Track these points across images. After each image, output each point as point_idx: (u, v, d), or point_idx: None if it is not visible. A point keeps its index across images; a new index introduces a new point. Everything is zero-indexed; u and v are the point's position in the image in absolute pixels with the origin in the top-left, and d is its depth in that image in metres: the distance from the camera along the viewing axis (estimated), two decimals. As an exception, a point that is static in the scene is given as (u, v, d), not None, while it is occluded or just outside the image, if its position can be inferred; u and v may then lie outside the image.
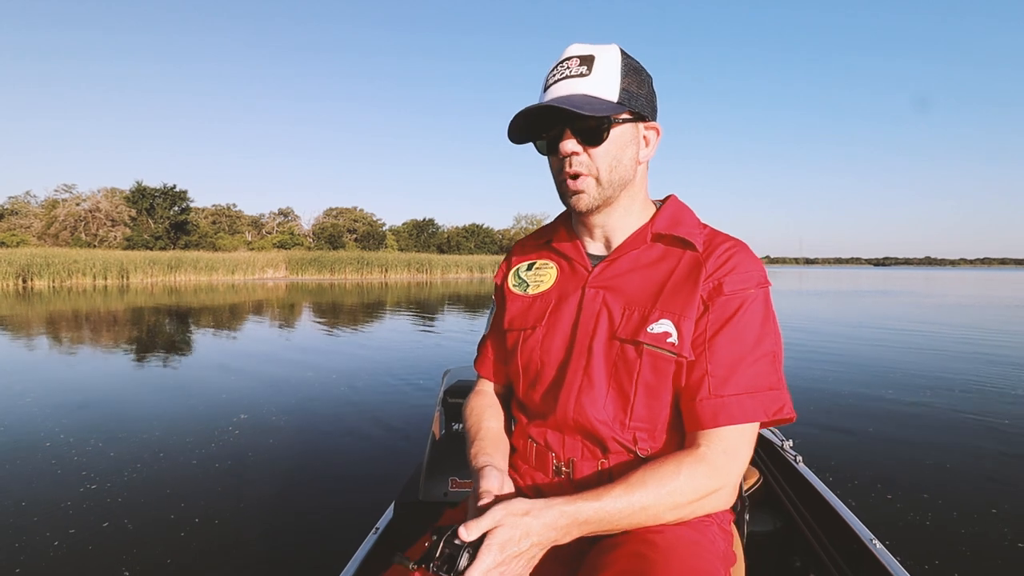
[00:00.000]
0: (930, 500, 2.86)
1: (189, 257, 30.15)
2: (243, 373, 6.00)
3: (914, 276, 59.80)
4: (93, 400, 4.81)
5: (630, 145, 0.93)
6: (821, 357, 7.00)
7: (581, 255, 1.02)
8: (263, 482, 3.02)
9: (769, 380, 0.87)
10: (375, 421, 4.16)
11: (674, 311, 0.90)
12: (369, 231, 57.95)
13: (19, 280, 21.93)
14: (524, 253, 1.12)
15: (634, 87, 0.92)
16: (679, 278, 0.92)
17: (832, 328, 10.44)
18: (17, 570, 2.16)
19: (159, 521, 2.57)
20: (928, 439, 3.84)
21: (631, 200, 0.98)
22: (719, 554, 0.87)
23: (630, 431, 0.92)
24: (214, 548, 2.34)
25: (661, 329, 0.89)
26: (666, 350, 0.89)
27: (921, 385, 5.47)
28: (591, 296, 0.96)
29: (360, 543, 1.45)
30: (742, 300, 0.89)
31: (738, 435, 0.85)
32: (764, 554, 1.58)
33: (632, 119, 0.92)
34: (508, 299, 1.07)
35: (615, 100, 0.89)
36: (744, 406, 0.85)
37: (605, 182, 0.92)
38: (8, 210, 44.48)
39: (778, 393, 0.87)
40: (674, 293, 0.91)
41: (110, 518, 2.60)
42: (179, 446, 3.60)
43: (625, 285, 0.95)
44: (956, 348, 7.93)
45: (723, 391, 0.86)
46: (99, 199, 44.61)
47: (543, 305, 1.02)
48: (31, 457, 3.38)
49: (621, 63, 0.91)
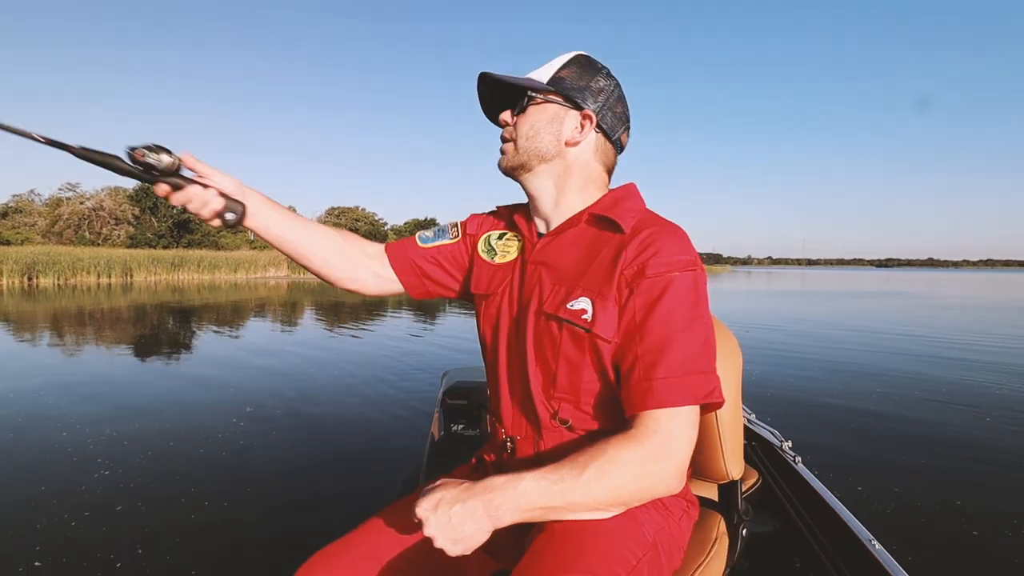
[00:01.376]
0: (930, 501, 2.87)
1: (192, 256, 30.35)
2: (248, 369, 6.15)
3: (917, 278, 59.48)
4: (106, 393, 4.97)
5: (552, 123, 1.01)
6: (820, 358, 7.02)
7: (531, 231, 1.08)
8: (263, 481, 3.06)
9: (698, 364, 0.87)
10: (374, 421, 4.21)
11: (592, 289, 0.94)
12: (371, 230, 58.15)
13: (24, 278, 22.13)
14: (497, 222, 1.18)
15: (574, 78, 1.01)
16: (603, 259, 0.96)
17: (832, 330, 10.43)
18: (37, 548, 2.31)
19: (169, 505, 2.72)
20: (928, 440, 3.86)
21: (565, 179, 1.04)
22: (642, 540, 0.87)
23: (556, 401, 0.96)
24: (215, 542, 2.43)
25: (579, 306, 0.94)
26: (580, 326, 0.93)
27: (921, 387, 5.47)
28: (530, 271, 1.02)
29: None
30: (666, 283, 0.90)
31: (669, 417, 0.85)
32: (763, 555, 1.57)
33: (560, 102, 1.01)
34: (476, 263, 1.13)
35: (544, 82, 1.01)
36: (670, 389, 0.85)
37: (521, 148, 1.03)
38: (13, 208, 44.62)
39: (707, 376, 0.87)
40: (596, 273, 0.95)
41: (123, 502, 2.75)
42: (188, 436, 3.76)
43: (558, 262, 1.00)
44: (956, 350, 7.90)
45: (653, 374, 0.86)
46: (103, 197, 44.78)
47: (503, 275, 1.08)
48: (49, 446, 3.54)
49: (569, 59, 1.03)
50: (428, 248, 1.16)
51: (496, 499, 0.80)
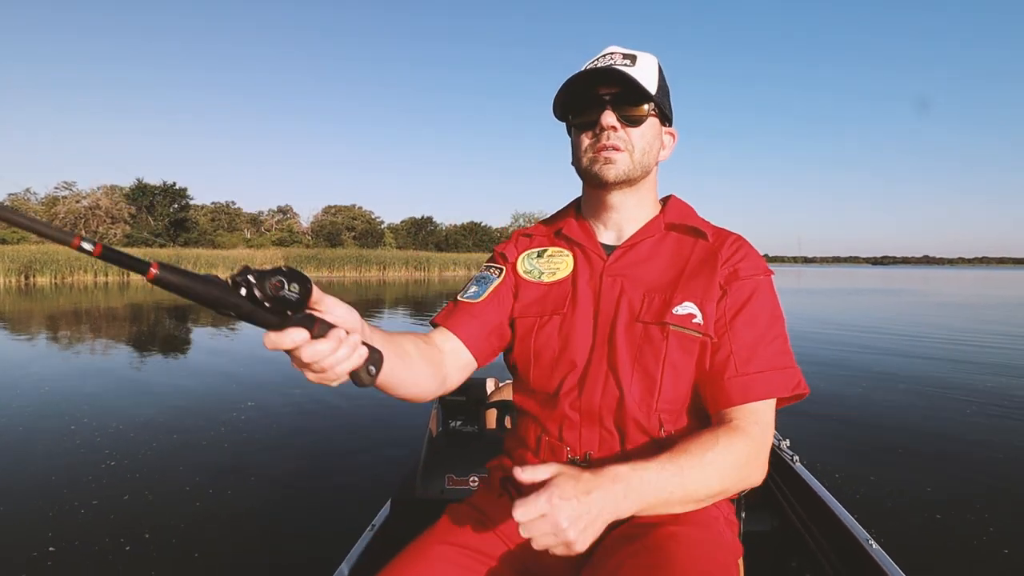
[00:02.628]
0: (927, 500, 2.88)
1: (189, 254, 30.37)
2: (248, 364, 6.26)
3: (913, 275, 59.60)
4: (111, 389, 5.11)
5: (657, 139, 1.00)
6: (817, 357, 7.03)
7: (595, 243, 1.03)
8: (261, 479, 3.08)
9: (785, 359, 0.92)
10: (372, 418, 4.22)
11: (696, 294, 0.93)
12: (368, 229, 58.11)
13: (21, 276, 22.14)
14: (532, 242, 1.11)
15: (663, 91, 0.99)
16: (695, 264, 0.97)
17: (829, 328, 10.41)
18: (49, 534, 2.42)
19: (172, 495, 2.84)
20: (925, 440, 3.89)
21: (647, 192, 1.03)
22: (727, 547, 0.89)
23: (656, 414, 0.92)
24: (215, 529, 2.51)
25: (686, 311, 0.92)
26: (692, 330, 0.91)
27: (919, 386, 5.49)
28: (609, 284, 0.98)
29: (356, 540, 1.45)
30: (755, 285, 0.94)
31: (766, 409, 0.89)
32: (761, 554, 1.55)
33: (659, 117, 0.99)
34: (520, 286, 1.05)
35: (653, 93, 0.95)
36: (769, 382, 0.89)
37: (637, 162, 0.96)
38: (8, 207, 44.50)
39: (795, 370, 0.92)
40: (692, 278, 0.95)
41: (129, 491, 2.86)
42: (190, 429, 3.88)
43: (643, 273, 0.98)
44: (955, 348, 7.89)
45: (748, 369, 0.89)
46: (99, 196, 44.71)
47: (561, 292, 1.01)
48: (59, 439, 3.67)
49: (658, 67, 0.99)
50: (484, 301, 1.02)
51: (623, 489, 0.75)
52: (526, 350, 1.00)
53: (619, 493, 0.74)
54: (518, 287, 1.05)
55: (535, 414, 1.00)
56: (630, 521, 0.84)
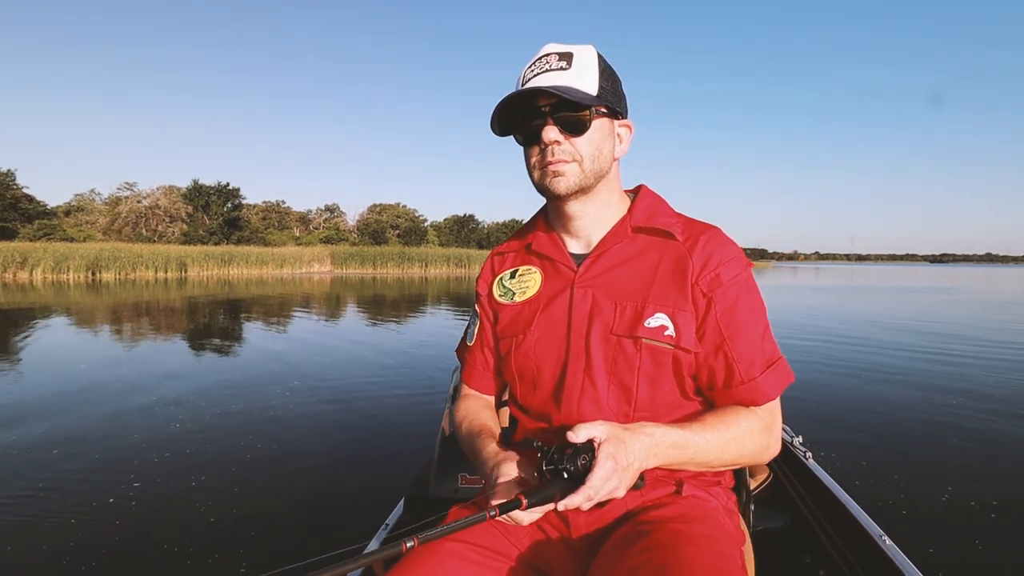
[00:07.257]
0: (941, 496, 2.85)
1: (241, 252, 31.50)
2: (285, 356, 6.57)
3: (975, 273, 56.33)
4: (181, 371, 5.75)
5: (608, 138, 0.95)
6: (833, 354, 6.94)
7: (564, 255, 1.02)
8: (276, 477, 3.10)
9: (775, 351, 0.95)
10: (386, 418, 4.23)
11: (667, 304, 0.92)
12: (411, 227, 58.99)
13: (89, 272, 23.45)
14: (505, 261, 1.12)
15: (609, 84, 0.94)
16: (666, 271, 0.95)
17: (846, 325, 10.22)
18: (132, 476, 3.08)
19: (227, 449, 3.49)
20: (939, 436, 3.84)
21: (608, 194, 1.00)
22: (731, 538, 0.91)
23: (634, 420, 0.93)
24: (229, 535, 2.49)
25: (657, 323, 0.92)
26: (664, 343, 0.91)
27: (934, 383, 5.39)
28: (580, 295, 0.97)
29: (370, 539, 1.47)
30: (739, 286, 0.94)
31: (776, 404, 0.95)
32: (774, 550, 1.55)
33: (608, 114, 0.95)
34: (497, 310, 1.07)
35: (594, 93, 0.91)
36: (772, 381, 0.93)
37: (588, 170, 0.93)
38: (75, 207, 46.87)
39: (784, 360, 0.96)
40: (664, 286, 0.94)
41: (192, 446, 3.56)
42: (239, 406, 4.40)
43: (612, 281, 0.96)
44: (973, 347, 7.66)
45: (753, 373, 0.92)
46: (158, 196, 46.72)
47: (532, 309, 1.01)
48: (138, 408, 4.37)
49: (598, 61, 0.94)
50: (475, 345, 1.13)
51: (654, 442, 0.83)
52: (509, 369, 1.04)
53: (654, 444, 0.83)
54: (496, 313, 1.08)
55: (527, 427, 1.05)
56: (633, 520, 0.91)
